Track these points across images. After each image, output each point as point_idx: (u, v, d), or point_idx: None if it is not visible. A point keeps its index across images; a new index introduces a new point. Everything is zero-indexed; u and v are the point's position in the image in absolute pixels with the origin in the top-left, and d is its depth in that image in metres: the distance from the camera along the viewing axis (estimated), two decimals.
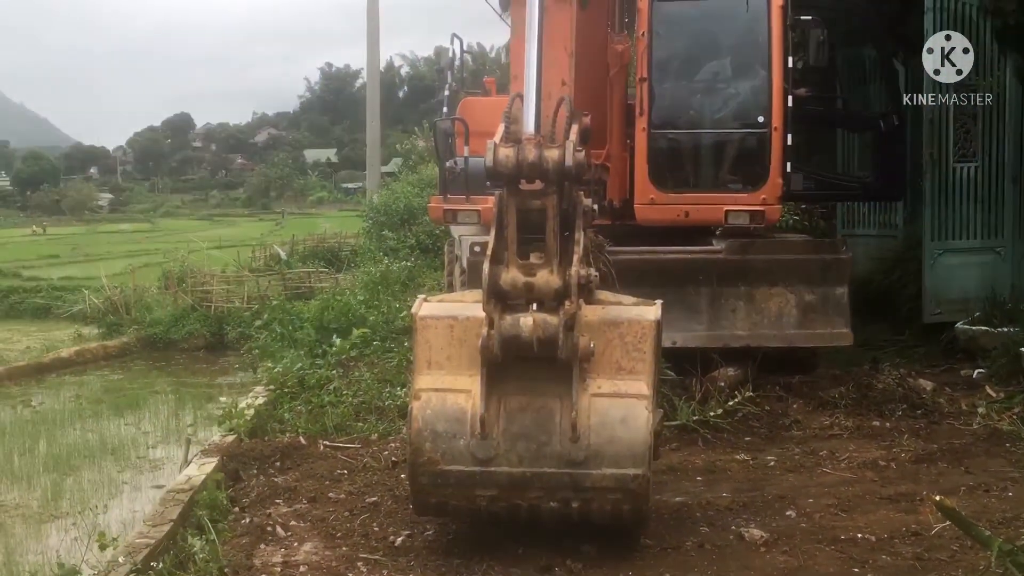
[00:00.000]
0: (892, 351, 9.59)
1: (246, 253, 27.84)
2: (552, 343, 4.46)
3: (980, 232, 9.94)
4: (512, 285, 4.56)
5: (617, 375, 4.64)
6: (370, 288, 15.25)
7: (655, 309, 4.82)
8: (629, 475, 4.55)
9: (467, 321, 4.70)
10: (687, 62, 9.22)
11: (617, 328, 4.70)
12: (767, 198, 8.56)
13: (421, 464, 4.65)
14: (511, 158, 4.47)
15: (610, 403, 4.58)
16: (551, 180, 4.53)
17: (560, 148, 4.49)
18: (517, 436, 4.59)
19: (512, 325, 4.49)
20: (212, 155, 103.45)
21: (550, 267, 4.56)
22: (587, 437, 4.53)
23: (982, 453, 6.60)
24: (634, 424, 4.56)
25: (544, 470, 4.59)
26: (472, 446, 4.58)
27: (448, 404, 4.63)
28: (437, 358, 4.73)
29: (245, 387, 12.18)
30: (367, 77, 31.56)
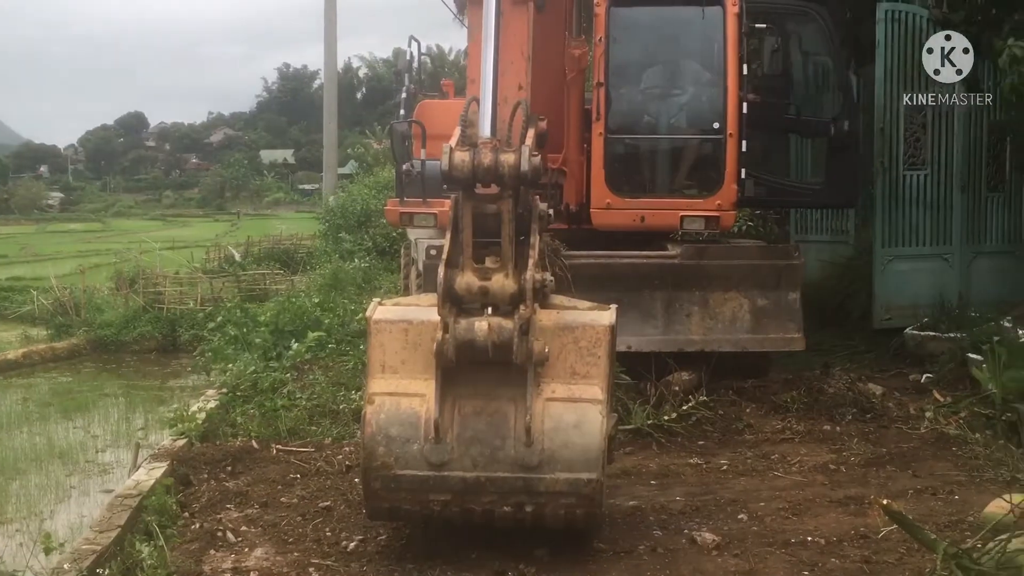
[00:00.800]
0: (843, 356, 9.72)
1: (200, 254, 27.55)
2: (507, 347, 4.46)
3: (929, 239, 10.10)
4: (467, 289, 4.54)
5: (572, 379, 4.65)
6: (326, 290, 15.19)
7: (610, 314, 4.83)
8: (583, 479, 4.57)
9: (422, 325, 4.68)
10: (644, 68, 9.30)
11: (572, 333, 4.69)
12: (722, 204, 8.64)
13: (374, 469, 4.61)
14: (467, 162, 4.45)
15: (564, 408, 4.59)
16: (507, 184, 4.52)
17: (516, 152, 4.47)
18: (471, 440, 4.58)
19: (467, 329, 4.46)
20: (166, 155, 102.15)
21: (505, 271, 4.55)
22: (541, 441, 4.53)
23: (929, 457, 6.70)
24: (588, 429, 4.57)
25: (498, 474, 4.57)
26: (426, 450, 4.56)
27: (402, 408, 4.61)
28: (391, 362, 4.70)
29: (197, 390, 12.04)
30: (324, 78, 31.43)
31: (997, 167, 10.24)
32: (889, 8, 9.83)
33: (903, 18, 9.87)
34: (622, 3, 8.88)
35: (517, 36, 5.10)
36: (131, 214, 72.41)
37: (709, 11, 8.69)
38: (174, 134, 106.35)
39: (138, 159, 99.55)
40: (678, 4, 9.09)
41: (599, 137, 8.75)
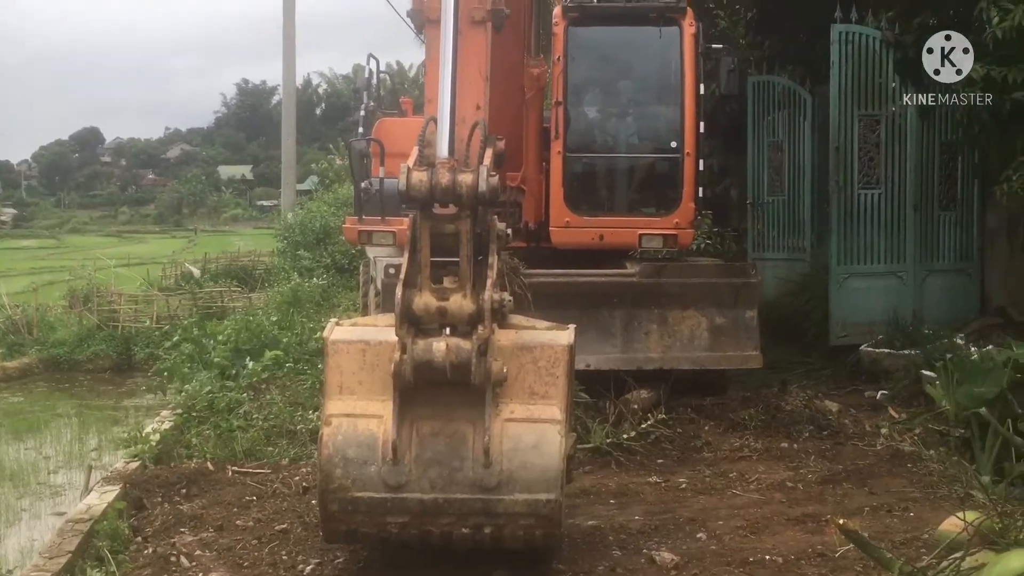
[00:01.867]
0: (800, 373, 9.80)
1: (156, 271, 27.23)
2: (465, 368, 4.42)
3: (883, 257, 10.24)
4: (425, 310, 4.50)
5: (530, 400, 4.63)
6: (284, 308, 15.06)
7: (568, 334, 4.82)
8: (542, 500, 4.55)
9: (379, 346, 4.65)
10: (602, 87, 9.39)
11: (530, 353, 4.68)
12: (680, 222, 8.77)
13: (331, 491, 4.55)
14: (424, 182, 4.43)
15: (523, 428, 4.57)
16: (465, 204, 4.48)
17: (474, 172, 4.46)
18: (429, 462, 4.54)
19: (425, 350, 4.42)
20: (122, 170, 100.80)
21: (463, 291, 4.51)
22: (500, 463, 4.50)
23: (885, 473, 6.76)
24: (547, 449, 4.55)
25: (456, 496, 4.53)
26: (383, 472, 4.51)
27: (359, 430, 4.56)
28: (349, 383, 4.66)
29: (152, 410, 11.87)
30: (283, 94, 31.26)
31: (949, 186, 10.40)
32: (842, 29, 9.99)
33: (856, 39, 10.03)
34: (580, 23, 8.96)
35: (475, 56, 5.09)
36: (86, 230, 71.40)
37: (666, 31, 8.84)
38: (130, 149, 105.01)
39: (93, 175, 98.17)
40: (636, 24, 9.18)
41: (558, 156, 8.80)
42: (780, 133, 11.91)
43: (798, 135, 11.63)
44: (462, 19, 5.04)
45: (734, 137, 12.59)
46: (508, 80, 8.27)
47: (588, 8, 9.13)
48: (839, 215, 10.15)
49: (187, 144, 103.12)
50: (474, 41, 5.07)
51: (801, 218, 11.71)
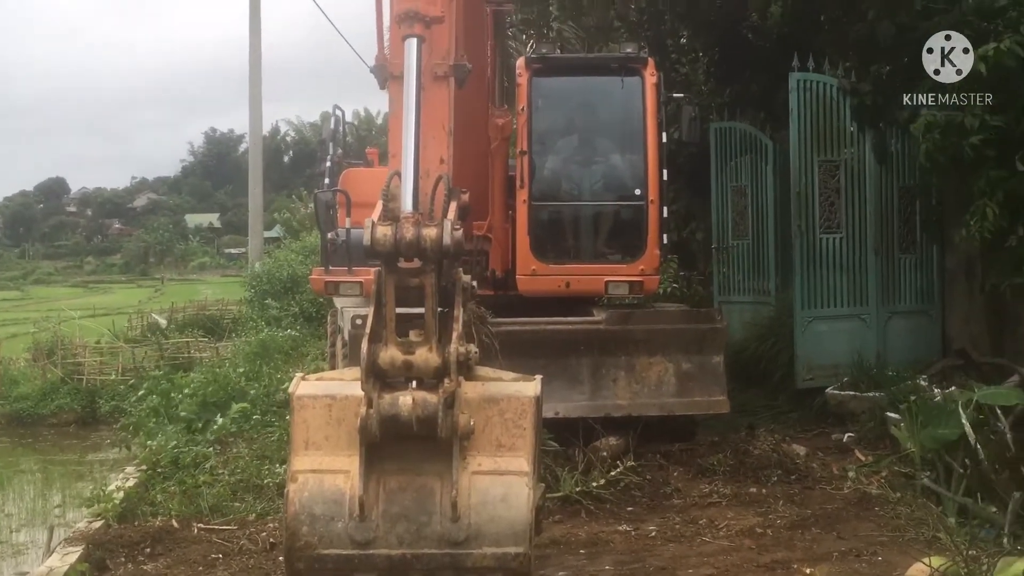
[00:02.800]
0: (767, 416, 9.85)
1: (122, 321, 26.94)
2: (432, 422, 4.37)
3: (846, 300, 10.35)
4: (391, 363, 4.45)
5: (497, 452, 4.55)
6: (251, 359, 14.95)
7: (535, 385, 4.76)
8: (510, 554, 4.46)
9: (345, 400, 4.56)
10: (566, 136, 9.49)
11: (497, 405, 4.61)
12: (645, 268, 8.83)
13: (298, 548, 4.44)
14: (389, 236, 4.39)
15: (491, 481, 4.49)
16: (429, 258, 4.44)
17: (438, 227, 4.42)
18: (397, 517, 4.45)
19: (391, 404, 4.36)
20: (88, 220, 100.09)
21: (429, 345, 4.46)
22: (468, 516, 4.42)
23: (852, 517, 6.79)
24: (515, 502, 4.48)
25: (424, 551, 4.44)
26: (350, 529, 4.41)
27: (326, 486, 4.46)
28: (315, 438, 4.56)
29: (118, 463, 11.72)
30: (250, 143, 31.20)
31: (908, 230, 10.56)
32: (800, 77, 10.19)
33: (814, 87, 10.22)
34: (544, 73, 9.08)
35: (438, 111, 5.09)
36: (51, 281, 70.59)
37: (628, 81, 8.97)
38: (96, 199, 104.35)
39: (59, 225, 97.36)
40: (598, 74, 9.32)
41: (523, 204, 8.86)
42: (743, 178, 12.07)
43: (760, 180, 11.79)
44: (425, 75, 5.04)
45: (698, 181, 12.75)
46: (474, 130, 8.35)
47: (551, 59, 9.27)
48: (802, 259, 10.27)
49: (154, 193, 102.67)
50: (437, 96, 5.08)
51: (765, 262, 11.83)
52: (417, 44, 4.85)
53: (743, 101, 12.74)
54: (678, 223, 13.52)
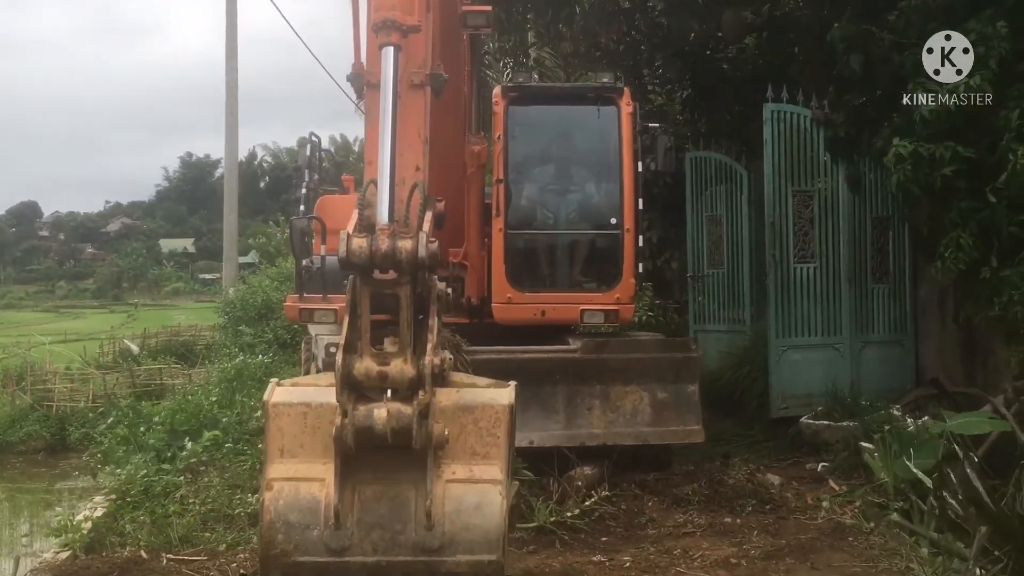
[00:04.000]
0: (742, 445, 9.85)
1: (94, 347, 26.64)
2: (406, 433, 4.35)
3: (820, 329, 10.41)
4: (366, 375, 4.43)
5: (472, 460, 4.58)
6: (224, 386, 14.80)
7: (509, 393, 4.74)
8: (484, 561, 4.50)
9: (320, 408, 4.56)
10: (542, 164, 9.53)
11: (471, 414, 4.62)
12: (621, 297, 8.85)
13: (273, 556, 4.45)
14: (364, 248, 4.37)
15: (465, 489, 4.52)
16: (404, 270, 4.44)
17: (413, 239, 4.42)
18: (372, 525, 4.48)
19: (366, 415, 4.35)
20: (60, 245, 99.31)
21: (404, 356, 4.45)
22: (442, 524, 4.45)
23: (827, 548, 6.77)
24: (489, 510, 4.50)
25: (399, 559, 4.47)
26: (326, 537, 4.42)
27: (301, 494, 4.47)
28: (290, 446, 4.56)
29: (87, 492, 11.54)
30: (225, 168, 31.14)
31: (881, 260, 10.65)
32: (774, 108, 10.30)
33: (787, 118, 10.33)
34: (521, 101, 9.12)
35: (414, 119, 5.08)
36: (22, 306, 69.87)
37: (604, 110, 9.02)
38: (69, 223, 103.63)
39: (31, 249, 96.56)
40: (574, 104, 9.37)
41: (499, 232, 8.87)
42: (718, 207, 12.16)
43: (735, 209, 11.88)
44: (401, 83, 5.02)
45: (674, 211, 12.83)
46: (449, 156, 8.34)
47: (528, 88, 9.32)
48: (776, 288, 10.34)
49: (127, 218, 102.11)
50: (413, 104, 5.07)
51: (740, 291, 11.91)
52: (394, 53, 4.85)
53: (718, 131, 12.86)
54: (653, 252, 13.58)
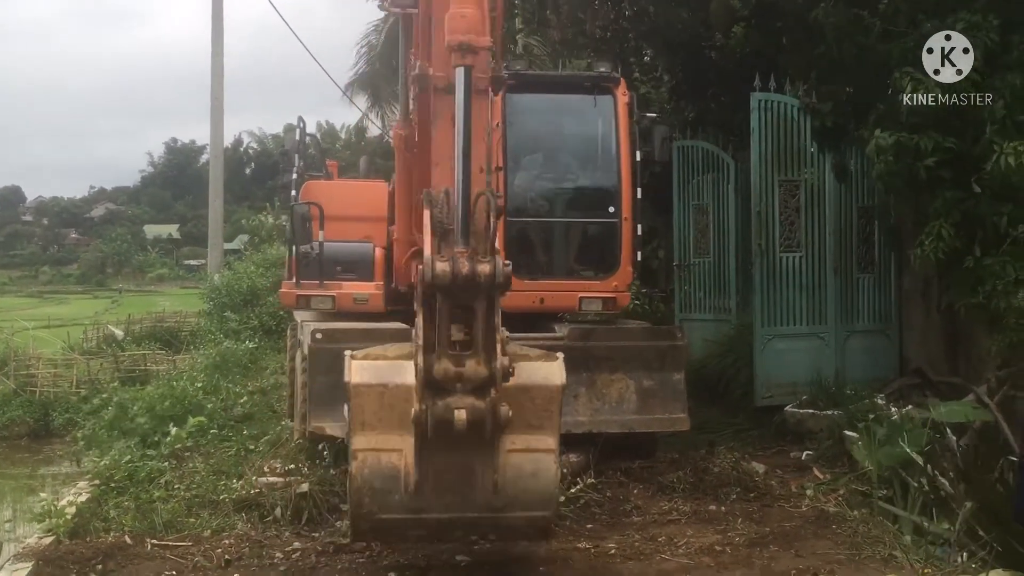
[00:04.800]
0: (727, 434, 9.88)
1: (78, 333, 26.47)
2: (480, 425, 5.01)
3: (805, 319, 10.45)
4: (444, 375, 5.01)
5: (529, 431, 5.29)
6: (209, 372, 14.75)
7: (559, 370, 5.38)
8: (538, 516, 5.49)
9: (396, 388, 5.23)
10: (540, 153, 9.51)
11: (528, 393, 5.30)
12: (618, 285, 8.93)
13: (361, 515, 5.32)
14: (448, 273, 4.91)
15: (523, 458, 5.29)
16: (482, 291, 4.97)
17: (491, 263, 4.96)
18: (444, 489, 5.26)
19: (445, 410, 4.98)
20: (44, 230, 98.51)
21: (477, 357, 5.01)
22: (504, 489, 5.23)
23: (811, 535, 6.82)
24: (544, 476, 5.33)
25: (468, 515, 5.39)
26: (405, 500, 5.21)
27: (383, 463, 5.24)
28: (369, 420, 5.26)
29: (70, 478, 11.49)
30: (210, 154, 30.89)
31: (867, 249, 10.70)
32: (761, 98, 10.30)
33: (775, 107, 10.34)
34: (518, 89, 9.07)
35: (479, 123, 5.36)
36: (5, 291, 69.27)
37: (601, 99, 9.04)
38: (53, 208, 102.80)
39: (14, 234, 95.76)
40: (572, 92, 9.35)
41: None
42: (705, 196, 12.16)
43: (722, 198, 11.89)
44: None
45: (660, 199, 12.81)
46: None
47: (526, 76, 9.29)
48: (762, 278, 10.36)
49: (112, 203, 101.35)
50: (478, 109, 5.34)
51: (726, 280, 11.92)
52: (466, 73, 5.20)
53: (705, 120, 12.85)
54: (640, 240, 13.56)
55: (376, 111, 30.21)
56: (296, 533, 6.96)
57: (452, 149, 5.30)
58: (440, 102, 5.50)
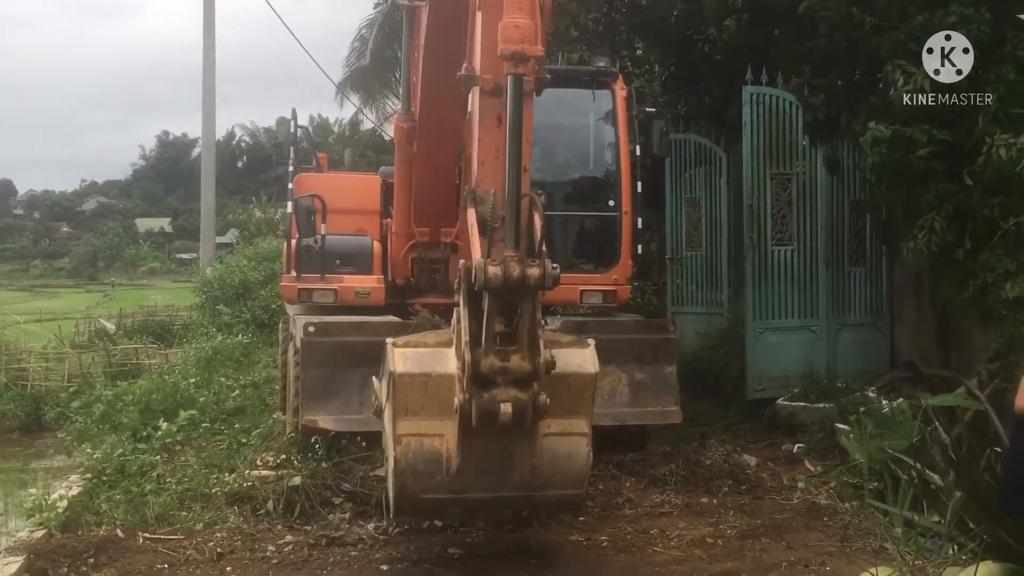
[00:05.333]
0: (719, 427, 9.91)
1: (69, 327, 26.39)
2: (522, 416, 5.21)
3: (797, 312, 10.48)
4: (490, 368, 5.18)
5: (564, 416, 5.54)
6: (201, 366, 14.72)
7: (592, 358, 5.65)
8: (571, 494, 5.82)
9: (439, 378, 5.43)
10: (540, 147, 9.46)
11: (565, 380, 5.51)
12: (619, 278, 8.92)
13: (406, 496, 5.55)
14: (499, 276, 5.06)
15: (559, 442, 5.57)
16: (531, 292, 5.17)
17: (540, 267, 5.13)
18: (484, 472, 5.49)
19: (490, 402, 5.16)
20: (35, 223, 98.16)
21: (522, 352, 5.20)
22: (541, 470, 5.52)
23: (802, 528, 6.85)
24: (577, 458, 5.62)
25: (505, 494, 5.68)
26: (447, 481, 5.47)
27: (425, 447, 5.47)
28: (412, 407, 5.47)
29: (62, 471, 11.43)
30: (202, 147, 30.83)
31: (858, 243, 10.72)
32: (753, 91, 10.31)
33: (767, 100, 10.35)
34: None
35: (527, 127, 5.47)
36: None
37: (599, 94, 9.07)
38: (44, 202, 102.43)
39: (5, 228, 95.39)
40: (570, 86, 9.31)
41: None
42: (697, 190, 12.18)
43: (714, 192, 11.90)
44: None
45: (653, 193, 12.81)
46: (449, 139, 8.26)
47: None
48: (754, 271, 10.38)
49: (103, 197, 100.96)
50: (527, 113, 5.44)
51: (718, 273, 11.94)
52: (517, 81, 5.27)
53: (698, 113, 12.85)
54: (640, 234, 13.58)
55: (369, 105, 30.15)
56: (288, 526, 6.96)
57: (497, 149, 5.48)
58: (487, 103, 5.63)
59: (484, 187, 5.49)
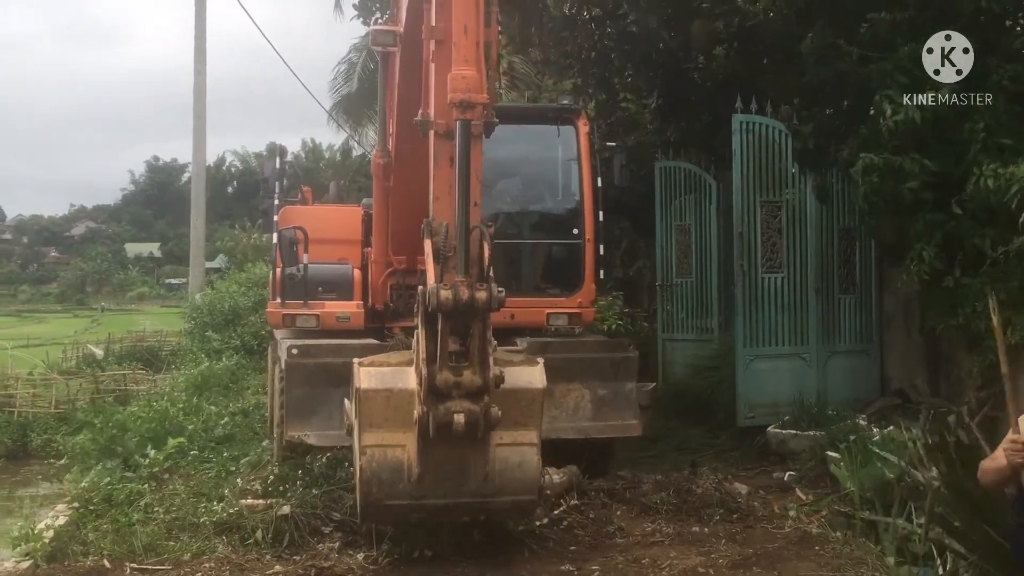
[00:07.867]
0: (710, 454, 9.91)
1: (57, 352, 26.25)
2: (475, 425, 5.77)
3: (787, 339, 10.49)
4: (445, 383, 5.74)
5: (514, 428, 6.06)
6: (190, 392, 14.65)
7: (540, 374, 6.22)
8: (524, 500, 6.33)
9: (400, 393, 5.98)
10: (510, 179, 9.84)
11: (515, 395, 6.07)
12: (583, 301, 9.39)
13: (371, 503, 6.06)
14: (450, 299, 5.63)
15: (510, 452, 6.09)
16: (479, 314, 5.72)
17: (487, 290, 5.70)
18: (443, 478, 6.01)
19: (445, 414, 5.71)
20: (23, 248, 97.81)
21: (473, 368, 5.76)
22: (494, 478, 6.05)
23: (793, 557, 6.81)
24: (528, 466, 6.15)
25: (462, 501, 6.15)
26: (408, 488, 5.97)
27: (388, 457, 5.98)
28: (376, 420, 5.99)
29: (48, 499, 11.34)
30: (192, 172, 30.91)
31: (848, 271, 10.76)
32: (744, 119, 10.38)
33: (756, 128, 10.42)
34: None
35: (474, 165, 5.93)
36: None
37: (563, 129, 9.60)
38: (32, 227, 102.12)
39: None
40: (537, 123, 9.87)
41: None
42: (687, 217, 12.22)
43: (704, 219, 11.95)
44: None
45: (643, 220, 12.87)
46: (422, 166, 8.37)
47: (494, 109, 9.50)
48: (744, 298, 10.41)
49: (92, 221, 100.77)
50: (475, 153, 5.93)
51: (708, 300, 11.96)
52: (465, 126, 5.80)
53: (688, 140, 12.92)
54: (623, 260, 13.64)
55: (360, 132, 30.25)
56: (277, 556, 6.89)
57: (450, 186, 5.94)
58: (440, 144, 6.11)
59: (439, 220, 5.98)
